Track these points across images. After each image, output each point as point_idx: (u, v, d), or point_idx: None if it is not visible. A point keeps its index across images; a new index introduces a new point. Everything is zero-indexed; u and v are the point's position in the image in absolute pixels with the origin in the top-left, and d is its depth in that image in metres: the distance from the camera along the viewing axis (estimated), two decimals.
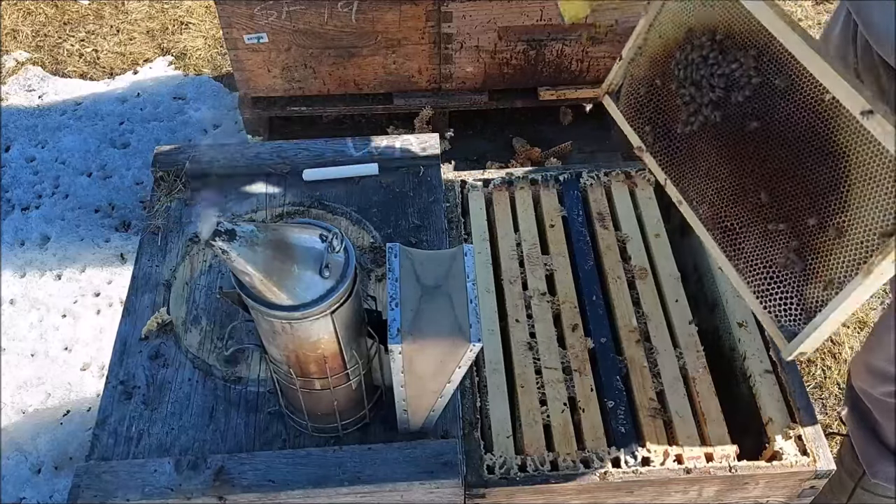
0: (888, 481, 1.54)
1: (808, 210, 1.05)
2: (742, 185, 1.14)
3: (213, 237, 0.83)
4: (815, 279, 1.02)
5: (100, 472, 1.09)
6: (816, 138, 1.02)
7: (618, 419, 1.26)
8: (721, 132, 1.15)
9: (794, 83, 1.04)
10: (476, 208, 1.51)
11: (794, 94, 1.04)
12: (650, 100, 1.25)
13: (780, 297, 1.07)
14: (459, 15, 2.33)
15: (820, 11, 3.22)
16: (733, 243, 1.15)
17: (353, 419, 1.14)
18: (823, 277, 1.00)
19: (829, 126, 1.00)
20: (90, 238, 2.46)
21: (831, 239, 1.00)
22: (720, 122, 1.15)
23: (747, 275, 1.12)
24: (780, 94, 1.06)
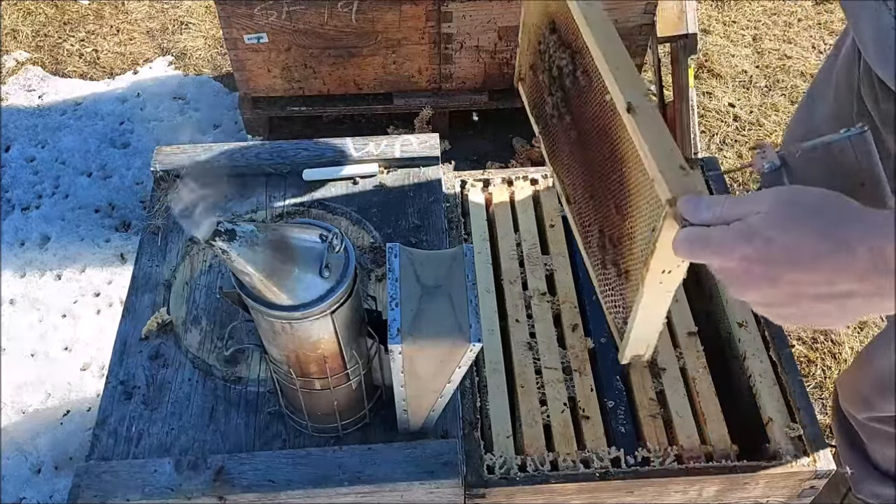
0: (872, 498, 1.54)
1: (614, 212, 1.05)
2: (585, 184, 1.16)
3: (213, 237, 0.83)
4: (627, 280, 1.01)
5: (100, 472, 1.09)
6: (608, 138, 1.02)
7: (618, 419, 1.26)
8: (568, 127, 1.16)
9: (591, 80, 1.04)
10: (476, 208, 1.51)
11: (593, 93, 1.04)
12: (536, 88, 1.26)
13: (612, 300, 1.08)
14: (459, 15, 2.33)
15: (820, 11, 3.22)
16: (586, 243, 1.16)
17: (353, 419, 1.14)
18: (631, 278, 0.99)
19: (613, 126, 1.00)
20: (90, 238, 2.46)
21: (628, 242, 0.99)
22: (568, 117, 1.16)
23: (595, 276, 1.14)
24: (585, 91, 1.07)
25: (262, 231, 0.87)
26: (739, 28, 3.16)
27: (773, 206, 0.72)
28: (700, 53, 2.95)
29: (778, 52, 3.06)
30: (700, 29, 2.91)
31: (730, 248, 0.73)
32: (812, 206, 0.72)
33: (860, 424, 1.45)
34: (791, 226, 0.71)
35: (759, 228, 0.72)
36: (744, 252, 0.73)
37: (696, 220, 0.78)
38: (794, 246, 0.70)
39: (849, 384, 1.46)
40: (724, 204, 0.77)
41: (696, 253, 0.78)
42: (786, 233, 0.71)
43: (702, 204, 0.78)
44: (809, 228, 0.70)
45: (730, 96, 2.90)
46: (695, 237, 0.77)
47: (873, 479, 1.50)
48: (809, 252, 0.70)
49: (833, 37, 3.11)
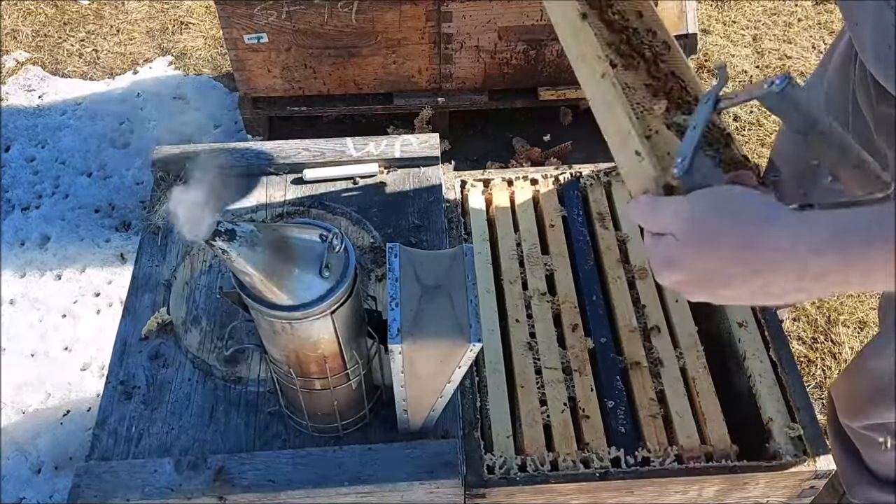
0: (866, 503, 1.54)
1: None
2: None
3: (213, 237, 0.83)
4: None
5: (100, 472, 1.09)
6: None
7: (618, 419, 1.26)
8: None
9: None
10: (476, 208, 1.51)
11: None
12: None
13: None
14: (459, 15, 2.33)
15: (820, 11, 3.22)
16: None
17: (353, 419, 1.14)
18: None
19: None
20: (90, 238, 2.46)
21: None
22: None
23: None
24: None
25: (262, 231, 0.87)
26: (739, 28, 3.15)
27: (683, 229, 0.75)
28: (700, 53, 2.95)
29: (778, 52, 3.06)
30: (700, 29, 2.91)
31: (658, 271, 0.78)
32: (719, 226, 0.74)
33: (854, 431, 1.45)
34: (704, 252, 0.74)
35: (675, 257, 0.75)
36: (672, 279, 0.77)
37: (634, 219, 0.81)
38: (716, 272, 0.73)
39: (842, 392, 1.46)
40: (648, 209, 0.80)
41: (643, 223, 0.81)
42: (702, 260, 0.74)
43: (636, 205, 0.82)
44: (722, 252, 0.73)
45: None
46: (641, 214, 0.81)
47: (868, 484, 1.50)
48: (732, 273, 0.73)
49: (833, 37, 3.11)
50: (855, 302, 2.29)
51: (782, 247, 0.70)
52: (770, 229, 0.72)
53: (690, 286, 0.76)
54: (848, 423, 1.45)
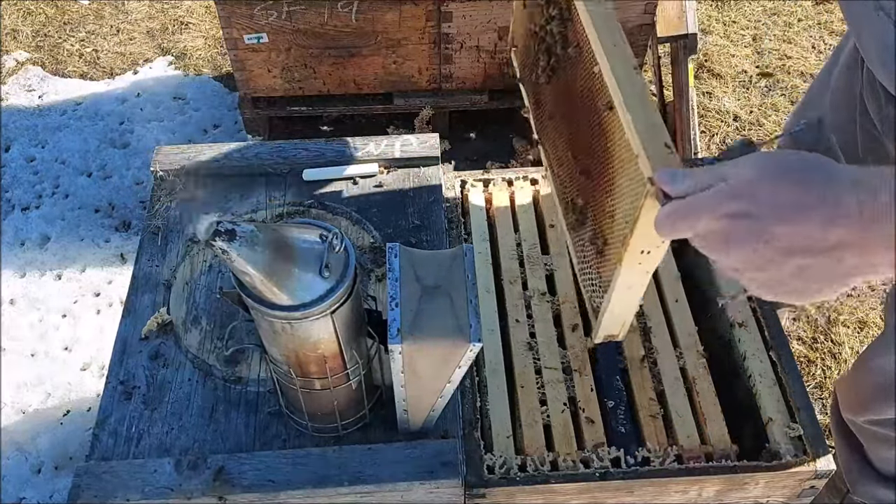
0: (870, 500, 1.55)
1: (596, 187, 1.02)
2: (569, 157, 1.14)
3: (213, 237, 0.83)
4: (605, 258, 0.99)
5: (100, 472, 1.09)
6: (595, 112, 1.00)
7: (618, 419, 1.26)
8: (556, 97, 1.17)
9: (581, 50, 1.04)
10: (476, 208, 1.51)
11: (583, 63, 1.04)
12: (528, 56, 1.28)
13: (589, 278, 1.06)
14: (459, 15, 2.33)
15: (820, 11, 3.22)
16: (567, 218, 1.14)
17: (353, 419, 1.14)
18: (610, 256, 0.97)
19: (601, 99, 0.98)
20: (90, 238, 2.46)
21: (609, 220, 0.97)
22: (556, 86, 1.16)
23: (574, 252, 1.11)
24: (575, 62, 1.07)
25: (262, 231, 0.87)
26: (739, 28, 3.16)
27: (754, 166, 0.71)
28: (700, 53, 2.95)
29: (778, 52, 3.06)
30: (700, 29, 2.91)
31: (713, 207, 0.71)
32: (793, 164, 0.71)
33: (858, 427, 1.46)
34: (775, 181, 0.70)
35: (743, 186, 0.70)
36: (729, 209, 0.70)
37: (675, 192, 0.76)
38: (782, 199, 0.69)
39: (847, 388, 1.46)
40: (702, 173, 0.75)
41: (679, 224, 0.74)
42: (771, 187, 0.69)
43: (679, 174, 0.76)
44: (794, 182, 0.69)
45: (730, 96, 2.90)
46: (677, 210, 0.74)
47: (871, 480, 1.50)
48: (797, 204, 0.68)
49: (833, 37, 3.11)
50: (855, 302, 2.30)
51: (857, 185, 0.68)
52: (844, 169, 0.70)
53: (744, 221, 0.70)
54: (852, 418, 1.45)
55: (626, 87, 0.92)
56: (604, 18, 1.00)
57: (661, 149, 0.85)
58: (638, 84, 0.92)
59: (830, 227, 0.68)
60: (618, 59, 0.95)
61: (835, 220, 0.67)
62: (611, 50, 0.96)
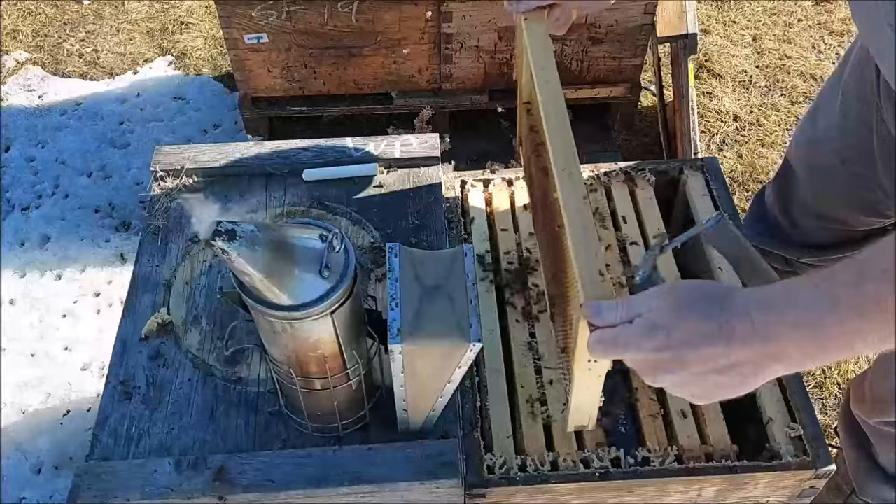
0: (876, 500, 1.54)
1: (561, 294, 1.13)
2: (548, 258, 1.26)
3: (213, 237, 0.83)
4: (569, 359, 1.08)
5: (100, 472, 1.09)
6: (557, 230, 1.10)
7: (618, 419, 1.26)
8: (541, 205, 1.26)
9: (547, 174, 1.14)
10: (476, 208, 1.51)
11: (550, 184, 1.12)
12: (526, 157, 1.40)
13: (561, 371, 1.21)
14: (459, 15, 2.33)
15: (820, 11, 3.22)
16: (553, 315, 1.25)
17: (353, 419, 1.14)
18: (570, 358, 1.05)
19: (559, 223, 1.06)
20: (90, 238, 2.46)
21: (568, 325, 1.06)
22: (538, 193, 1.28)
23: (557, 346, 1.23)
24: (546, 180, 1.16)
25: (262, 231, 0.87)
26: (739, 28, 3.15)
27: (665, 302, 0.85)
28: (700, 53, 2.95)
29: (778, 52, 3.06)
30: (700, 29, 2.91)
31: (637, 343, 0.84)
32: (690, 296, 0.85)
33: (870, 427, 1.45)
34: (680, 314, 0.83)
35: (656, 321, 0.83)
36: (651, 344, 0.83)
37: (600, 324, 0.88)
38: (689, 330, 0.82)
39: (865, 389, 1.45)
40: (621, 307, 0.87)
41: (609, 352, 0.88)
42: (679, 321, 0.83)
43: (603, 308, 0.88)
44: (695, 314, 0.82)
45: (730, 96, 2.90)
46: (605, 339, 0.87)
47: (879, 481, 1.50)
48: (702, 333, 0.81)
49: (833, 37, 3.11)
50: None
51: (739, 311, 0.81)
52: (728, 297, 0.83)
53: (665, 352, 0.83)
54: (865, 418, 1.45)
55: (572, 215, 1.02)
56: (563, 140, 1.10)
57: (595, 277, 0.95)
58: (585, 213, 1.02)
59: (730, 351, 0.81)
60: (569, 187, 1.04)
61: (731, 344, 0.80)
62: (563, 176, 1.06)
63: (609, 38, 2.41)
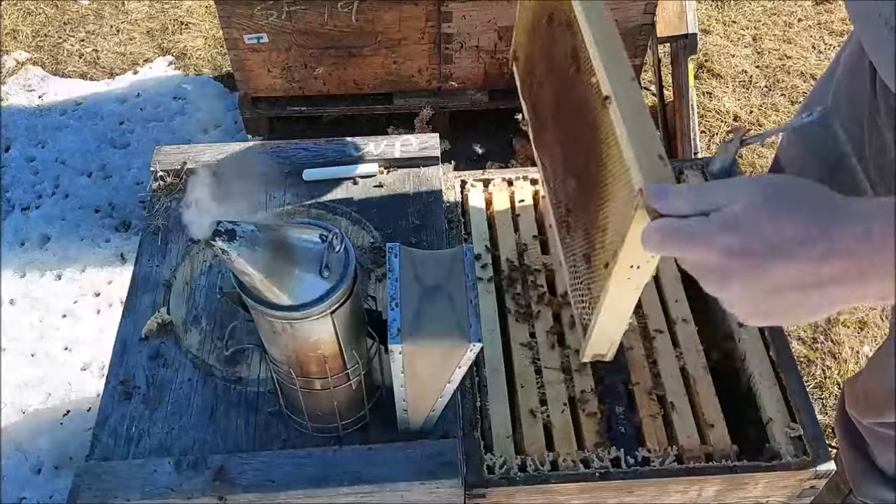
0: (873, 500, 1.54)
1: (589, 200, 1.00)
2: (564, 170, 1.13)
3: (213, 237, 0.83)
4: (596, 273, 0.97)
5: (100, 472, 1.09)
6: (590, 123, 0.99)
7: (618, 419, 1.26)
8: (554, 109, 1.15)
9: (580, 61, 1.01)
10: (476, 208, 1.51)
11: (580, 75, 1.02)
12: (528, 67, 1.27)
13: (580, 293, 1.03)
14: (459, 15, 2.33)
15: (820, 11, 3.22)
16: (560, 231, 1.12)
17: (353, 419, 1.14)
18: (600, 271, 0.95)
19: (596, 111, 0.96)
20: (90, 238, 2.46)
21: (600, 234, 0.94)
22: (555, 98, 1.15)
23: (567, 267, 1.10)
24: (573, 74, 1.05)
25: (262, 231, 0.87)
26: (739, 28, 3.16)
27: (753, 195, 0.70)
28: (700, 53, 2.95)
29: (778, 52, 3.06)
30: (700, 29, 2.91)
31: (707, 239, 0.70)
32: (793, 195, 0.70)
33: (865, 428, 1.45)
34: (771, 213, 0.69)
35: (741, 218, 0.69)
36: (727, 243, 0.69)
37: (666, 210, 0.74)
38: (777, 233, 0.68)
39: (858, 390, 1.45)
40: (697, 192, 0.73)
41: (670, 246, 0.73)
42: (766, 220, 0.69)
43: (671, 192, 0.74)
44: (790, 215, 0.69)
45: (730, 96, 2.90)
46: (669, 229, 0.73)
47: (875, 481, 1.50)
48: (793, 239, 0.68)
49: (833, 37, 3.11)
50: None
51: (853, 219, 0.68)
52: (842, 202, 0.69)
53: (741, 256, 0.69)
54: (860, 419, 1.45)
55: (621, 98, 0.91)
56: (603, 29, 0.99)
57: (655, 160, 0.83)
58: (634, 95, 0.91)
59: (825, 263, 0.67)
60: (615, 70, 0.94)
61: (831, 256, 0.67)
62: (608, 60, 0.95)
63: None
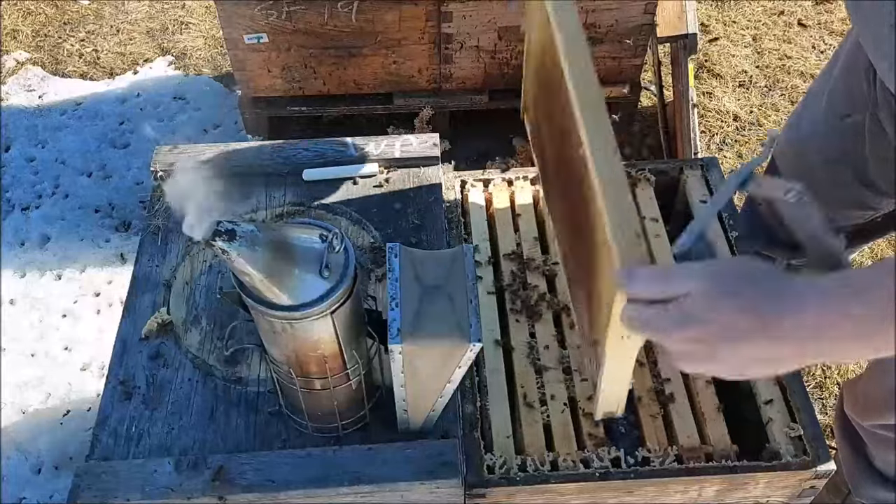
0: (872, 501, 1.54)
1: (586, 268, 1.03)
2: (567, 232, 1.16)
3: (213, 237, 0.83)
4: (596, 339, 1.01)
5: (100, 472, 1.09)
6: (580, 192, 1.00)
7: (618, 419, 1.26)
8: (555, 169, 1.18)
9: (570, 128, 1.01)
10: (476, 208, 1.51)
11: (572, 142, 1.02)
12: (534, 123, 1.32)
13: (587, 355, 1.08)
14: (459, 15, 2.33)
15: (820, 11, 3.22)
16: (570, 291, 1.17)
17: (353, 419, 1.14)
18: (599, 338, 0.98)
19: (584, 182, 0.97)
20: (90, 238, 2.46)
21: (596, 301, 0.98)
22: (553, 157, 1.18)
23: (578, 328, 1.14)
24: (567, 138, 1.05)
25: (262, 231, 0.87)
26: (739, 28, 3.15)
27: (703, 287, 0.77)
28: (700, 53, 2.95)
29: (778, 52, 3.06)
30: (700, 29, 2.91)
31: (669, 332, 0.78)
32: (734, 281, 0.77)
33: (864, 430, 1.45)
34: (718, 304, 0.76)
35: (693, 311, 0.76)
36: (682, 336, 0.77)
37: (633, 296, 0.81)
38: (727, 324, 0.75)
39: (858, 392, 1.45)
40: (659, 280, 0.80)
41: (636, 331, 0.82)
42: (718, 314, 0.75)
43: (638, 278, 0.81)
44: (736, 305, 0.75)
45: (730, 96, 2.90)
46: (637, 318, 0.81)
47: (874, 482, 1.50)
48: (742, 328, 0.75)
49: (833, 37, 3.11)
50: None
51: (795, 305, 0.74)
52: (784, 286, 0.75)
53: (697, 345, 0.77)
54: (859, 421, 1.45)
55: (602, 169, 0.92)
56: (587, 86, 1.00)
57: (632, 239, 0.86)
58: (616, 168, 0.93)
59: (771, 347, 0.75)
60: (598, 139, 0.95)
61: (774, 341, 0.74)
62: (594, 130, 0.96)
63: (609, 38, 2.41)
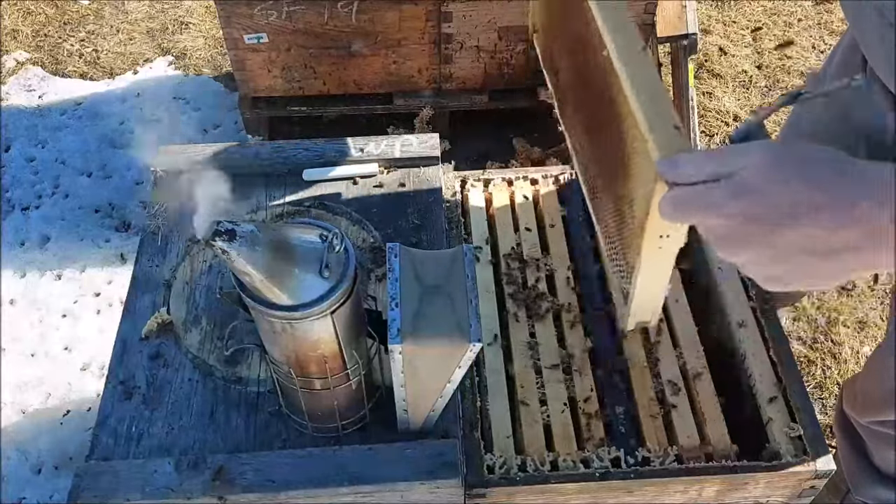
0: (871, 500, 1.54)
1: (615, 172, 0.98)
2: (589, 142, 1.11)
3: (213, 237, 0.84)
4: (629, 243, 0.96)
5: (100, 472, 1.09)
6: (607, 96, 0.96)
7: (618, 419, 1.26)
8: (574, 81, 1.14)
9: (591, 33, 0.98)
10: (476, 208, 1.51)
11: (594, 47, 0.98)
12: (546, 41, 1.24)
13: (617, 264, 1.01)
14: (459, 15, 2.33)
15: (820, 11, 3.22)
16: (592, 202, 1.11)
17: (353, 419, 1.14)
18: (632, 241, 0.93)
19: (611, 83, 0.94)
20: (90, 238, 2.46)
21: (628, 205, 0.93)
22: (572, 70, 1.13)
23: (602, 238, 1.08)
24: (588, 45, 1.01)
25: (262, 231, 0.87)
26: (739, 28, 3.15)
27: (765, 159, 0.68)
28: (700, 53, 2.95)
29: (778, 52, 3.06)
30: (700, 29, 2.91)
31: (721, 205, 0.69)
32: (806, 159, 0.68)
33: (863, 428, 1.45)
34: (786, 178, 0.67)
35: (752, 183, 0.68)
36: (737, 208, 0.68)
37: (677, 180, 0.73)
38: (791, 199, 0.66)
39: (857, 389, 1.45)
40: (708, 158, 0.72)
41: (681, 215, 0.73)
42: (781, 186, 0.67)
43: (681, 160, 0.73)
44: (806, 180, 0.66)
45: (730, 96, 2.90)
46: (681, 198, 0.72)
47: (874, 480, 1.50)
48: (808, 205, 0.66)
49: (833, 37, 3.11)
50: (855, 302, 2.29)
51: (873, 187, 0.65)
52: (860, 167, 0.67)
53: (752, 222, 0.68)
54: (858, 418, 1.45)
55: (632, 70, 0.89)
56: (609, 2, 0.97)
57: (670, 131, 0.81)
58: (646, 65, 0.89)
59: (838, 230, 0.66)
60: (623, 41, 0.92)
61: (843, 224, 0.65)
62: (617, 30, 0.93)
63: None
